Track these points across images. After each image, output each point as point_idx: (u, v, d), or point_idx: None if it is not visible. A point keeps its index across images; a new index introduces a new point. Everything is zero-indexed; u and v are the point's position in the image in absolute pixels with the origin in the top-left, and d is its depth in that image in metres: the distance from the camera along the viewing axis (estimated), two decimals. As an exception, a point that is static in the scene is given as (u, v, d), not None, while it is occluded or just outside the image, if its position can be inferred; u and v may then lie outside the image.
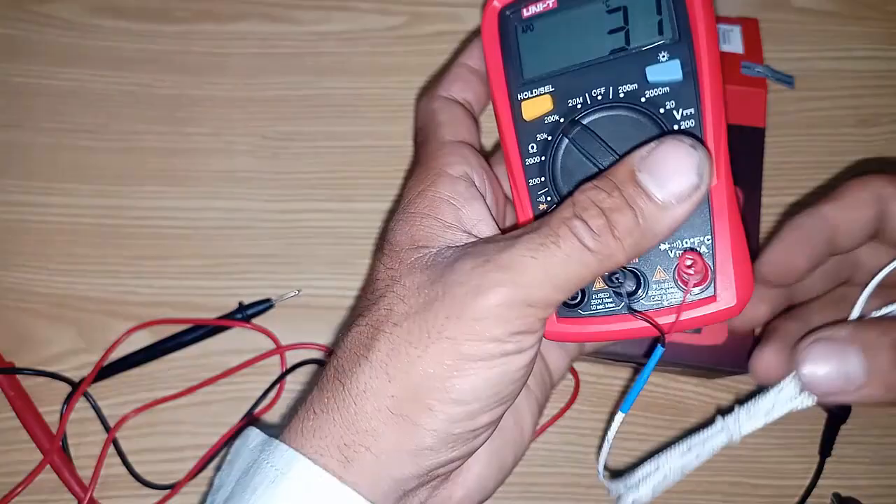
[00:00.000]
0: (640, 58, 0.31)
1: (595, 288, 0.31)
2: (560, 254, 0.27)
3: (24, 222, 0.50)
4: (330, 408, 0.28)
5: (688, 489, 0.48)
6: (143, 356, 0.48)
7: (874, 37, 0.54)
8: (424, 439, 0.27)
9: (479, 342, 0.27)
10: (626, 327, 0.31)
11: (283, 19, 0.53)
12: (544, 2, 0.32)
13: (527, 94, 0.32)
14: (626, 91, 0.31)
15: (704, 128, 0.30)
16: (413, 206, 0.31)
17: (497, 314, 0.27)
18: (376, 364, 0.28)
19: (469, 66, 0.34)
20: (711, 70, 0.30)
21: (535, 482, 0.48)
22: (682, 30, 0.30)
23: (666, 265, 0.30)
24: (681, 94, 0.30)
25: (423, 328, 0.27)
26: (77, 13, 0.53)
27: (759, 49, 0.50)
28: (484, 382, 0.27)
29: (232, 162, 0.51)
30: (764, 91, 0.48)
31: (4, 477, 0.47)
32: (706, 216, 0.30)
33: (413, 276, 0.29)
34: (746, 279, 0.30)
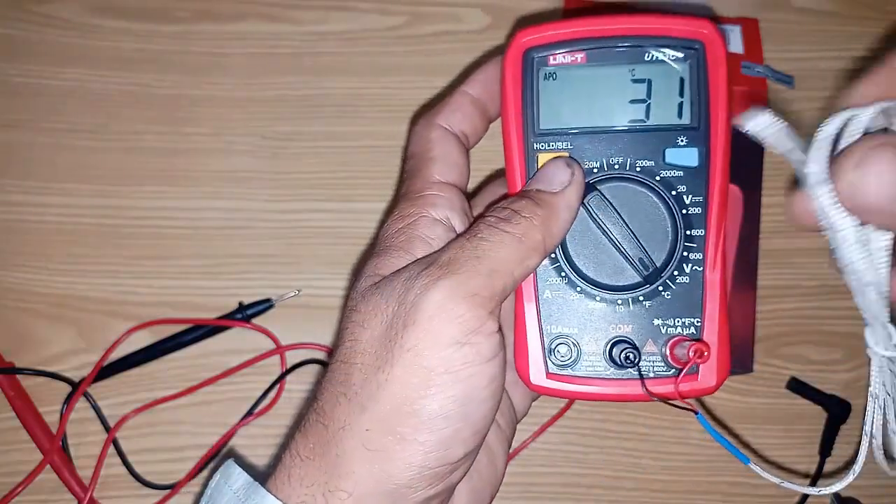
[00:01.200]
0: (659, 136, 0.32)
1: (587, 350, 0.32)
2: (485, 243, 0.29)
3: (24, 222, 0.50)
4: (315, 453, 0.28)
5: (688, 489, 0.48)
6: (143, 356, 0.48)
7: (873, 37, 0.54)
8: (402, 475, 0.27)
9: (439, 348, 0.27)
10: (611, 391, 0.32)
11: (282, 19, 0.53)
12: (573, 55, 0.32)
13: (543, 145, 0.32)
14: (643, 166, 0.32)
15: (709, 216, 0.31)
16: (389, 241, 0.31)
17: (447, 309, 0.27)
18: (352, 397, 0.28)
19: (471, 96, 0.34)
20: (723, 163, 0.31)
21: (535, 482, 0.48)
22: (701, 117, 0.31)
23: (657, 339, 0.32)
24: (693, 181, 0.32)
25: (386, 346, 0.28)
26: (77, 13, 0.53)
27: (759, 49, 0.50)
28: (451, 402, 0.27)
29: (232, 162, 0.51)
30: (764, 91, 0.48)
31: (4, 477, 0.47)
32: (699, 301, 0.32)
33: (367, 301, 0.29)
34: (725, 362, 0.32)
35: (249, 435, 0.48)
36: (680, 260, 0.31)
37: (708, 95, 0.31)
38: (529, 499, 0.48)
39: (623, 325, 0.32)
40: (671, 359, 0.31)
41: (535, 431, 0.48)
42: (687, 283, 0.32)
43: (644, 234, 0.31)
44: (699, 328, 0.31)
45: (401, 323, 0.28)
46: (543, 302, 0.32)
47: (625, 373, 0.32)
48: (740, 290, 0.47)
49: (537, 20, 0.53)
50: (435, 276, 0.28)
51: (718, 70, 0.31)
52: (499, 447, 0.35)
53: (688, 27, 0.31)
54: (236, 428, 0.48)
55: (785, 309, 0.50)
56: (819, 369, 0.50)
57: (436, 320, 0.27)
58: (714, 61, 0.31)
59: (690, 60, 0.31)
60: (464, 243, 0.29)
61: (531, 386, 0.33)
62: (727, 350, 0.32)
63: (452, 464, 0.28)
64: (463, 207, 0.33)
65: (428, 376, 0.27)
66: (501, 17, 0.53)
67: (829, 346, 0.50)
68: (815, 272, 0.50)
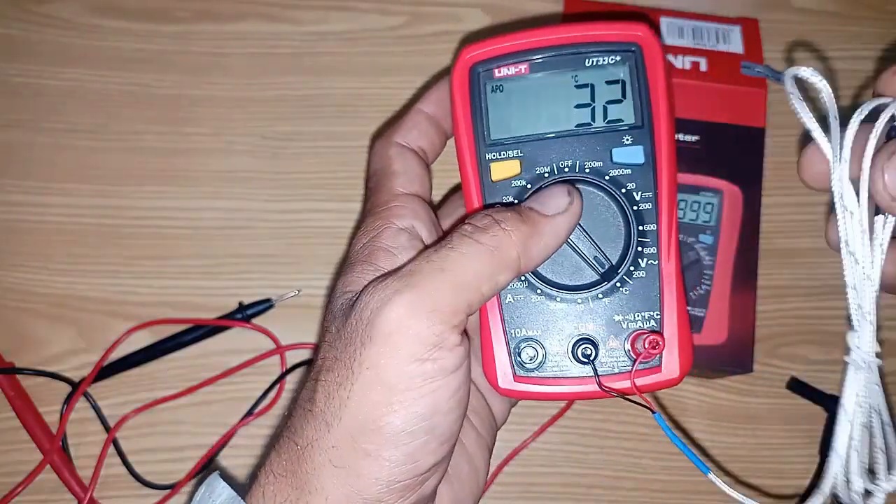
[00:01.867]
0: (606, 137, 0.33)
1: (551, 352, 0.33)
2: (453, 253, 0.28)
3: (24, 222, 0.50)
4: (287, 470, 0.28)
5: (688, 489, 0.48)
6: (143, 356, 0.48)
7: (874, 37, 0.54)
8: (371, 490, 0.27)
9: (400, 365, 0.27)
10: (577, 389, 0.33)
11: (282, 19, 0.53)
12: (516, 66, 0.33)
13: (495, 155, 0.33)
14: (591, 167, 0.33)
15: (660, 210, 0.32)
16: (354, 256, 0.31)
17: (405, 326, 0.27)
18: (318, 414, 0.28)
19: (427, 113, 0.35)
20: (669, 158, 0.32)
21: (535, 482, 0.48)
22: (644, 115, 0.33)
23: (618, 334, 0.32)
24: (641, 178, 0.32)
25: (346, 365, 0.27)
26: (77, 13, 0.53)
27: (759, 49, 0.50)
28: (415, 417, 0.27)
29: (232, 162, 0.51)
30: (764, 91, 0.48)
31: (4, 477, 0.47)
32: (656, 293, 0.32)
33: (336, 321, 0.29)
34: (688, 354, 0.32)
35: (249, 435, 0.48)
36: (635, 255, 0.32)
37: (649, 94, 0.32)
38: (529, 499, 0.48)
39: (585, 324, 0.32)
40: (633, 353, 0.32)
41: (535, 431, 0.48)
42: (643, 277, 0.32)
43: (598, 232, 0.32)
44: (659, 320, 0.32)
45: (359, 340, 0.27)
46: (506, 307, 0.33)
47: (588, 370, 0.32)
48: (740, 290, 0.47)
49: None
50: (393, 290, 0.27)
51: (657, 69, 0.32)
52: (479, 453, 0.35)
53: (624, 31, 0.32)
54: (236, 428, 0.48)
55: (785, 309, 0.50)
56: (819, 369, 0.50)
57: (394, 336, 0.27)
58: (652, 61, 0.32)
59: (629, 62, 0.33)
60: (430, 254, 0.28)
61: (500, 390, 0.33)
62: (688, 339, 0.32)
63: (421, 475, 0.28)
64: (429, 217, 0.33)
65: (389, 393, 0.27)
66: (501, 17, 0.53)
67: (829, 346, 0.50)
68: (815, 272, 0.50)
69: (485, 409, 0.36)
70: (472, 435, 0.34)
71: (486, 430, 0.35)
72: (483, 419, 0.35)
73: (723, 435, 0.49)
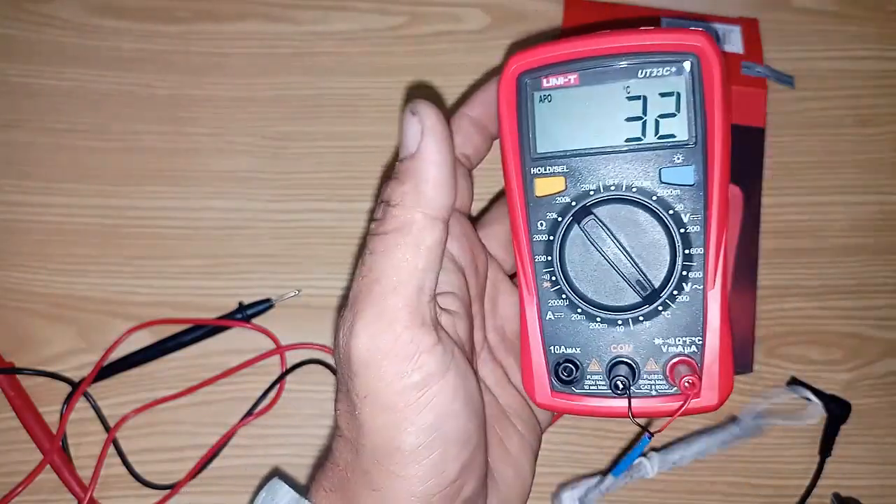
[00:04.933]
0: (656, 155, 0.31)
1: (589, 370, 0.32)
2: (374, 257, 0.28)
3: (24, 222, 0.50)
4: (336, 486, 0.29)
5: (688, 489, 0.48)
6: (143, 356, 0.48)
7: (874, 37, 0.54)
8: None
9: (390, 386, 0.27)
10: (614, 408, 0.32)
11: (282, 19, 0.53)
12: (566, 76, 0.32)
13: (540, 170, 0.32)
14: (639, 186, 0.31)
15: (708, 233, 0.31)
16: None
17: (375, 351, 0.27)
18: (346, 440, 0.29)
19: (471, 117, 0.34)
20: (722, 179, 0.31)
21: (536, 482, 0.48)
22: (699, 132, 0.31)
23: (658, 357, 0.32)
24: (690, 199, 0.31)
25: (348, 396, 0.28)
26: (77, 13, 0.53)
27: (759, 49, 0.50)
28: (426, 430, 0.27)
29: (232, 162, 0.51)
30: (764, 91, 0.48)
31: (4, 477, 0.47)
32: (699, 319, 0.31)
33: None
34: (728, 381, 0.32)
35: (249, 435, 0.48)
36: (679, 279, 0.31)
37: (704, 109, 0.31)
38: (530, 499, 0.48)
39: (624, 345, 0.32)
40: (671, 378, 0.32)
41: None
42: (687, 301, 0.31)
43: (642, 254, 0.31)
44: (700, 346, 0.31)
45: (346, 375, 0.28)
46: (546, 324, 0.33)
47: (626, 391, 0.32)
48: (740, 290, 0.47)
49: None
50: (349, 323, 0.27)
51: (715, 82, 0.31)
52: (523, 456, 0.35)
53: (681, 40, 0.31)
54: (236, 428, 0.48)
55: (785, 309, 0.50)
56: (819, 369, 0.50)
57: (372, 365, 0.27)
58: (710, 73, 0.31)
59: (685, 74, 0.31)
60: (359, 270, 0.28)
61: (538, 403, 0.33)
62: (730, 368, 0.32)
63: (454, 482, 0.28)
64: (463, 232, 0.32)
65: (392, 414, 0.27)
66: (501, 17, 0.53)
67: (829, 346, 0.50)
68: (815, 272, 0.50)
69: (527, 411, 0.36)
70: (516, 438, 0.34)
71: (530, 432, 0.35)
72: (526, 421, 0.35)
73: (723, 435, 0.49)
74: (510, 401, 0.35)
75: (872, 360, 0.50)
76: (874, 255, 0.51)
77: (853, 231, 0.51)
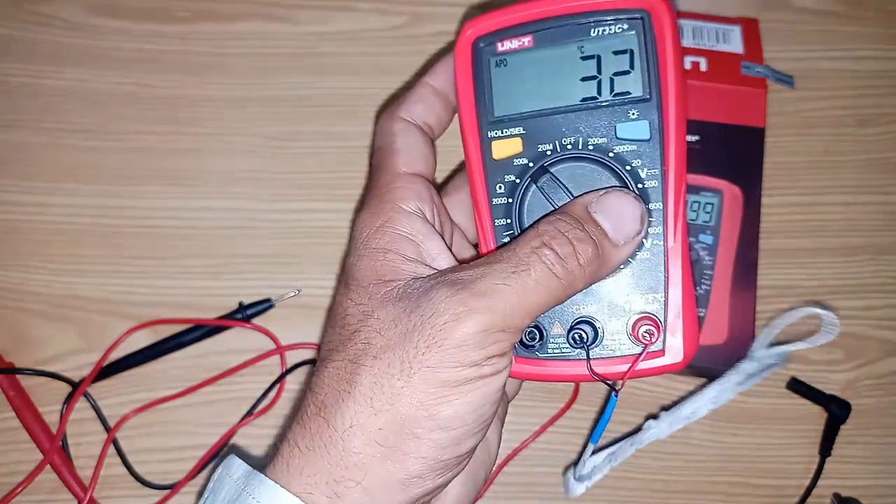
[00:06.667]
0: (611, 112, 0.31)
1: (552, 333, 0.32)
2: (531, 280, 0.28)
3: (24, 222, 0.50)
4: (316, 445, 0.28)
5: (688, 489, 0.48)
6: (143, 356, 0.48)
7: (874, 37, 0.54)
8: (413, 467, 0.28)
9: (459, 368, 0.28)
10: (580, 371, 0.32)
11: (283, 19, 0.53)
12: (520, 39, 0.32)
13: (497, 133, 0.33)
14: (595, 143, 0.32)
15: (666, 188, 0.31)
16: (373, 241, 0.31)
17: (476, 341, 0.28)
18: (360, 399, 0.28)
19: (433, 87, 0.34)
20: (678, 132, 0.31)
21: (535, 482, 0.48)
22: (652, 87, 0.31)
23: (620, 317, 0.32)
24: (647, 154, 0.31)
25: (403, 359, 0.28)
26: (77, 13, 0.53)
27: (759, 49, 0.50)
28: (466, 407, 0.28)
29: (232, 162, 0.51)
30: (764, 91, 0.48)
31: (4, 477, 0.47)
32: (661, 274, 0.31)
33: (386, 309, 0.29)
34: (693, 337, 0.31)
35: (249, 435, 0.48)
36: None
37: (658, 64, 0.31)
38: (529, 499, 0.48)
39: (587, 306, 0.32)
40: (635, 337, 0.31)
41: (536, 431, 0.48)
42: (648, 258, 0.31)
43: None
44: (662, 302, 0.31)
45: (424, 343, 0.28)
46: None
47: (590, 353, 0.32)
48: (740, 290, 0.47)
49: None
50: (469, 307, 0.28)
51: (666, 38, 0.31)
52: (492, 429, 0.35)
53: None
54: (236, 428, 0.48)
55: (785, 309, 0.50)
56: (819, 369, 0.50)
57: (462, 349, 0.28)
58: (661, 29, 0.31)
59: (637, 30, 0.31)
60: (508, 276, 0.28)
61: None
62: (694, 322, 0.31)
63: (462, 455, 0.29)
64: (431, 196, 0.33)
65: (445, 387, 0.28)
66: (501, 17, 0.53)
67: (829, 346, 0.50)
68: (815, 272, 0.50)
69: None
70: None
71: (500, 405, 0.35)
72: None
73: (723, 435, 0.49)
74: None
75: (872, 360, 0.50)
76: (874, 255, 0.51)
77: (853, 231, 0.51)
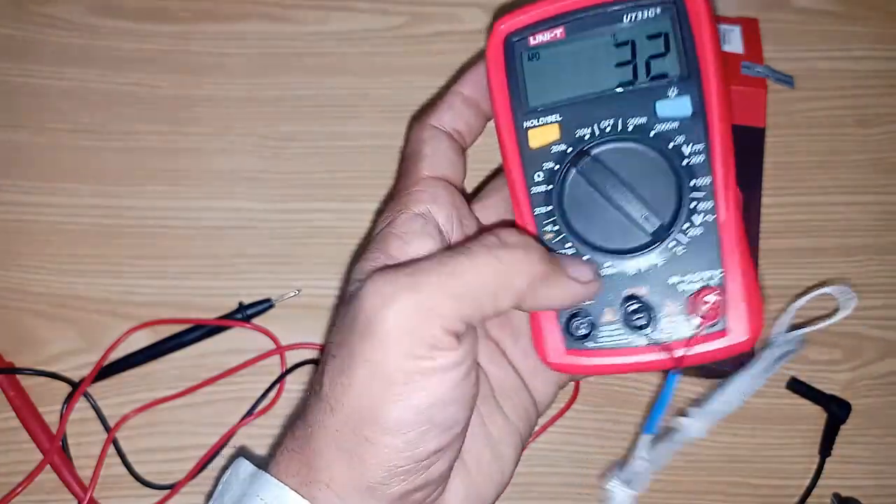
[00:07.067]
0: (650, 92, 0.31)
1: (603, 321, 0.31)
2: (467, 262, 0.27)
3: (24, 222, 0.50)
4: (298, 446, 0.29)
5: (688, 489, 0.48)
6: (143, 356, 0.48)
7: (874, 37, 0.54)
8: (373, 474, 0.27)
9: (396, 360, 0.27)
10: (634, 360, 0.31)
11: (283, 19, 0.53)
12: (552, 31, 0.32)
13: (533, 122, 0.32)
14: (635, 124, 0.31)
15: (713, 164, 0.30)
16: (374, 242, 0.31)
17: (403, 325, 0.27)
18: (323, 397, 0.28)
19: (463, 94, 0.34)
20: (721, 107, 0.30)
21: (535, 482, 0.48)
22: (690, 66, 0.31)
23: (675, 298, 0.30)
24: (690, 130, 0.30)
25: (347, 353, 0.28)
26: (77, 13, 0.53)
27: (759, 49, 0.50)
28: (413, 409, 0.27)
29: (232, 162, 0.51)
30: (764, 91, 0.48)
31: (4, 477, 0.47)
32: (716, 250, 0.30)
33: (344, 306, 0.29)
34: (757, 314, 0.30)
35: (249, 435, 0.48)
36: (688, 212, 0.30)
37: (694, 44, 0.30)
38: (529, 499, 0.48)
39: (638, 289, 0.31)
40: (695, 314, 0.30)
41: (536, 431, 0.48)
42: (700, 234, 0.30)
43: (647, 192, 0.30)
44: (721, 279, 0.30)
45: (358, 332, 0.27)
46: None
47: (644, 338, 0.30)
48: (740, 290, 0.47)
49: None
50: (397, 287, 0.27)
51: (701, 17, 0.30)
52: (506, 439, 0.33)
53: None
54: (236, 428, 0.48)
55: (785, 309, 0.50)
56: (819, 369, 0.50)
57: (393, 334, 0.27)
58: (695, 10, 0.30)
59: (670, 13, 0.31)
60: (444, 256, 0.28)
61: (551, 365, 0.32)
62: (757, 298, 0.30)
63: (423, 461, 0.28)
64: (451, 200, 0.32)
65: (388, 385, 0.27)
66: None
67: (829, 346, 0.50)
68: (815, 272, 0.50)
69: (521, 393, 0.34)
70: (499, 420, 0.33)
71: (519, 415, 0.34)
72: (516, 403, 0.34)
73: (723, 435, 0.49)
74: (502, 380, 0.34)
75: (872, 360, 0.50)
76: (874, 255, 0.51)
77: (853, 231, 0.51)
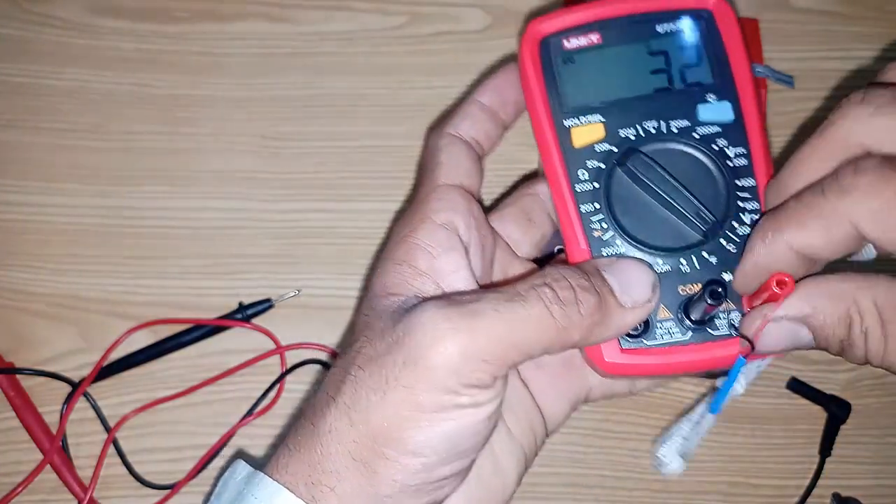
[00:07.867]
0: (688, 97, 0.32)
1: (659, 318, 0.31)
2: (523, 313, 0.27)
3: (24, 222, 0.50)
4: (301, 445, 0.28)
5: (688, 489, 0.48)
6: (143, 356, 0.48)
7: (874, 37, 0.54)
8: (383, 487, 0.27)
9: (433, 392, 0.27)
10: (694, 358, 0.31)
11: (283, 19, 0.53)
12: (587, 36, 0.32)
13: (576, 121, 0.32)
14: (678, 126, 0.32)
15: (755, 167, 0.31)
16: (392, 252, 0.31)
17: (451, 364, 0.27)
18: (341, 406, 0.28)
19: (481, 103, 0.34)
20: (757, 117, 0.31)
21: (535, 482, 0.48)
22: (724, 75, 0.32)
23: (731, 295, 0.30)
24: (731, 134, 0.31)
25: (382, 373, 0.27)
26: (77, 13, 0.53)
27: (759, 49, 0.50)
28: (438, 436, 0.27)
29: (232, 162, 0.51)
30: (764, 91, 0.48)
31: (4, 477, 0.47)
32: None
33: (381, 321, 0.29)
34: None
35: (249, 435, 0.48)
36: (737, 210, 0.31)
37: (727, 57, 0.32)
38: (529, 499, 0.48)
39: (692, 286, 0.31)
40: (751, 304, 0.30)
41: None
42: (749, 233, 0.30)
43: (696, 191, 0.31)
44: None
45: (402, 357, 0.27)
46: None
47: (704, 335, 0.31)
48: (740, 290, 0.47)
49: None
50: (454, 325, 0.27)
51: (732, 32, 0.32)
52: (507, 456, 0.33)
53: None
54: (236, 428, 0.48)
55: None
56: (819, 369, 0.50)
57: (440, 372, 0.27)
58: (725, 25, 0.32)
59: (702, 27, 0.32)
60: (499, 302, 0.27)
61: (606, 366, 0.31)
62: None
63: (437, 482, 0.28)
64: (469, 209, 0.32)
65: (418, 412, 0.27)
66: (501, 17, 0.53)
67: (829, 346, 0.50)
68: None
69: (527, 406, 0.34)
70: (502, 433, 0.33)
71: (522, 432, 0.33)
72: (520, 419, 0.33)
73: (723, 435, 0.49)
74: (507, 392, 0.32)
75: (872, 360, 0.50)
76: (874, 255, 0.51)
77: (853, 231, 0.51)
